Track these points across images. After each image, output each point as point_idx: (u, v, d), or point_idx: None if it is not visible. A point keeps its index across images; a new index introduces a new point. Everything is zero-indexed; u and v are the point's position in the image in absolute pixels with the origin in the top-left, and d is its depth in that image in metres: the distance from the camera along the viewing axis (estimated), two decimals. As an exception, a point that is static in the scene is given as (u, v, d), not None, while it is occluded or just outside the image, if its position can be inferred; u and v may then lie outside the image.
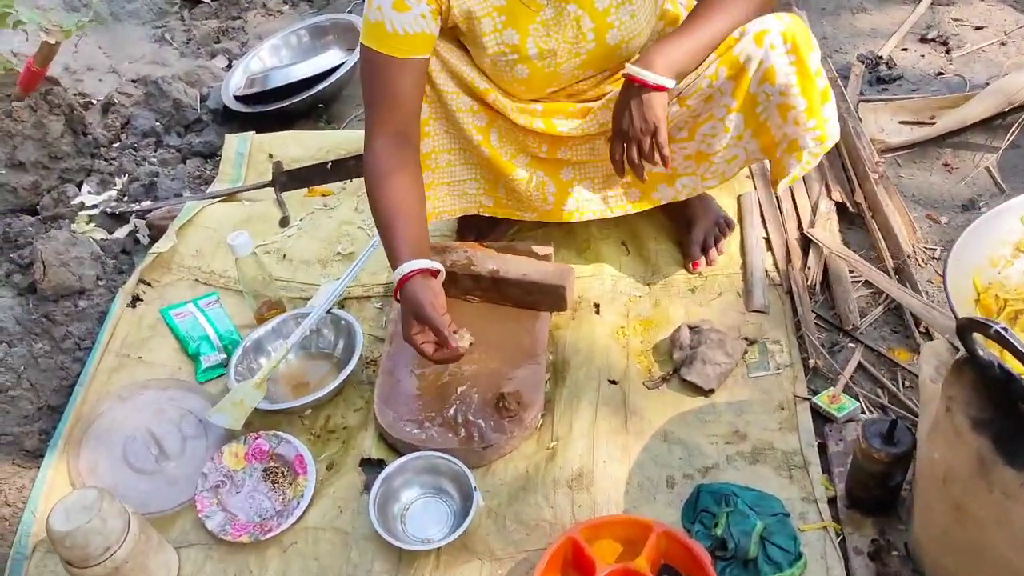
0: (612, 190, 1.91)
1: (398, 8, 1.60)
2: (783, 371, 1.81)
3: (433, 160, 1.86)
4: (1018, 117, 2.25)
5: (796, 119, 1.66)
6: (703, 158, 1.81)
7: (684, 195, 1.89)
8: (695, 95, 1.71)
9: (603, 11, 1.67)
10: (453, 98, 1.79)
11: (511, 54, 1.69)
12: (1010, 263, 1.32)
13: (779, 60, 1.60)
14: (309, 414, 1.84)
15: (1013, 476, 1.16)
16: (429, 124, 1.82)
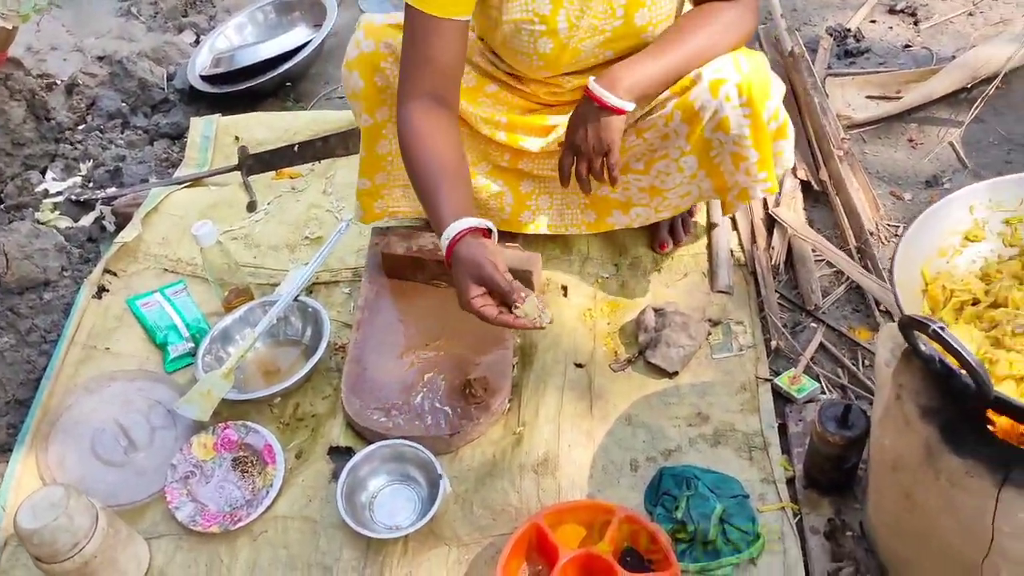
0: (569, 209, 1.91)
1: None
2: (746, 352, 1.84)
3: (389, 163, 1.85)
4: (982, 91, 2.26)
5: (748, 169, 1.68)
6: (657, 192, 1.82)
7: (637, 223, 1.91)
8: (652, 130, 1.71)
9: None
10: None
11: (538, 24, 1.64)
12: (959, 252, 1.33)
13: (733, 112, 1.60)
14: (278, 402, 1.85)
15: (959, 465, 1.18)
16: (386, 127, 1.80)
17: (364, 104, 1.79)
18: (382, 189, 1.91)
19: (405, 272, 1.96)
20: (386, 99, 1.78)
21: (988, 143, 2.20)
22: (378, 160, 1.86)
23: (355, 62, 1.75)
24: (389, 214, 1.95)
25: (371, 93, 1.77)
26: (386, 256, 1.96)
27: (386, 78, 1.75)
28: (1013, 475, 1.15)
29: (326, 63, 2.81)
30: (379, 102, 1.78)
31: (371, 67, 1.74)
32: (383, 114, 1.79)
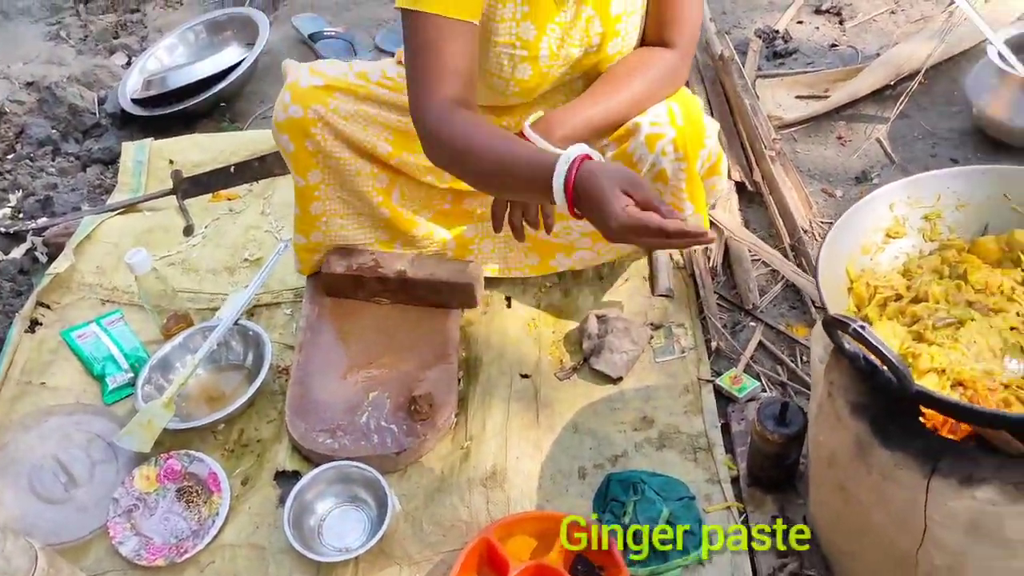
0: (512, 252, 1.91)
1: None
2: (688, 354, 1.86)
3: (324, 223, 1.84)
4: (906, 87, 2.32)
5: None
6: (598, 237, 1.80)
7: (580, 266, 1.92)
8: None
9: (615, 17, 1.61)
10: (349, 163, 1.76)
11: (520, 49, 1.60)
12: (881, 249, 1.36)
13: (670, 166, 1.62)
14: (222, 429, 1.83)
15: (889, 458, 1.21)
16: (319, 189, 1.79)
17: (295, 165, 1.77)
18: (319, 246, 1.90)
19: (346, 291, 1.95)
20: (318, 162, 1.75)
21: (913, 138, 2.26)
22: (312, 220, 1.84)
23: (284, 125, 1.71)
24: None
25: (302, 156, 1.75)
26: (326, 276, 1.95)
27: (317, 143, 1.72)
28: (941, 466, 1.18)
29: (261, 81, 2.79)
30: (311, 165, 1.76)
31: (301, 132, 1.71)
32: (315, 176, 1.77)
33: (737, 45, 2.59)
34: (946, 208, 1.38)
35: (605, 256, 1.90)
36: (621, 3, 1.60)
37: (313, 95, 1.70)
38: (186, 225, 2.27)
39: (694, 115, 1.63)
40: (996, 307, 1.26)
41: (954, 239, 1.37)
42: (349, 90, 1.73)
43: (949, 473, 1.17)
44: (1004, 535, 1.16)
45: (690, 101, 1.66)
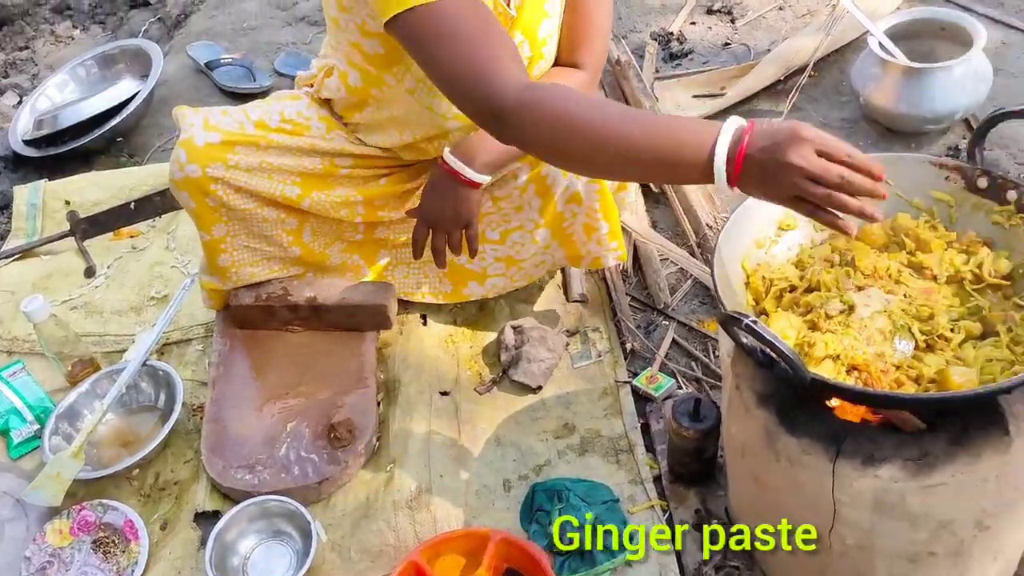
0: (427, 279, 1.91)
1: None
2: (604, 357, 1.88)
3: (234, 273, 1.80)
4: (797, 80, 2.39)
5: (600, 240, 1.73)
6: (513, 262, 1.84)
7: (492, 294, 1.92)
8: (507, 199, 1.72)
9: (541, 40, 1.60)
10: (255, 213, 1.71)
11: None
12: (775, 242, 1.40)
13: (584, 188, 1.64)
14: (136, 474, 1.78)
15: (795, 444, 1.25)
16: (226, 242, 1.74)
17: (199, 222, 1.71)
18: (230, 291, 1.86)
19: (257, 322, 1.92)
20: (220, 217, 1.70)
21: (807, 129, 2.33)
22: (223, 270, 1.80)
23: (182, 184, 1.65)
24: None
25: (203, 212, 1.69)
26: (235, 308, 1.91)
27: (218, 199, 1.66)
28: (844, 448, 1.22)
29: (158, 114, 2.73)
30: (214, 220, 1.70)
31: (200, 192, 1.65)
32: (220, 230, 1.72)
33: (634, 49, 2.64)
34: (833, 197, 1.42)
35: (518, 282, 1.91)
36: (547, 26, 1.61)
37: (210, 154, 1.62)
38: (87, 267, 2.20)
39: None
40: (885, 290, 1.30)
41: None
42: (249, 142, 1.65)
43: (852, 454, 1.21)
44: (907, 510, 1.20)
45: None
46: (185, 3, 3.40)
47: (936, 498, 1.19)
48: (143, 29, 3.36)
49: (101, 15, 3.61)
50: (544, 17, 1.58)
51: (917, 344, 1.23)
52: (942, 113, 2.14)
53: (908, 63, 2.15)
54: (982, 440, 1.19)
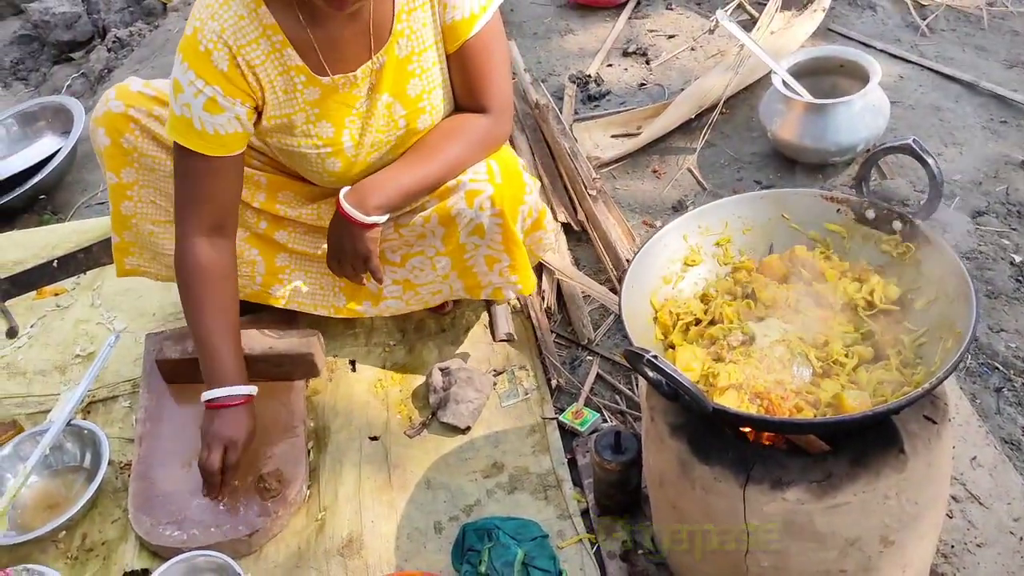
0: (322, 290, 1.93)
1: (211, 110, 1.55)
2: (531, 395, 1.91)
3: (135, 225, 1.84)
4: (709, 117, 2.48)
5: (501, 271, 1.78)
6: (410, 286, 1.88)
7: (386, 314, 1.96)
8: (410, 227, 1.77)
9: (415, 97, 1.67)
10: (163, 164, 1.77)
11: (324, 147, 1.67)
12: (681, 277, 1.46)
13: (488, 221, 1.68)
14: (63, 536, 1.75)
15: (708, 472, 1.29)
16: (133, 189, 1.79)
17: (108, 162, 1.78)
18: (131, 246, 1.88)
19: (184, 375, 1.91)
20: (131, 161, 1.77)
21: (720, 164, 2.42)
22: (124, 219, 1.83)
23: (102, 119, 1.75)
24: (140, 272, 1.93)
25: (116, 152, 1.76)
26: (161, 362, 1.91)
27: (132, 143, 1.75)
28: (753, 473, 1.27)
29: (81, 170, 2.72)
30: (124, 163, 1.77)
31: (116, 129, 1.74)
32: (129, 175, 1.78)
33: (553, 92, 2.72)
34: (734, 233, 1.49)
35: (412, 306, 1.93)
36: (419, 83, 1.67)
37: (139, 99, 1.75)
38: (8, 328, 2.17)
39: (513, 173, 1.70)
40: (785, 319, 1.36)
41: (744, 261, 1.48)
42: None
43: (761, 479, 1.26)
44: (815, 529, 1.25)
45: (510, 160, 1.73)
46: (108, 58, 3.40)
47: (842, 517, 1.25)
48: (66, 84, 3.35)
49: (23, 71, 3.59)
50: (411, 77, 1.65)
51: (814, 370, 1.29)
52: (845, 145, 2.25)
53: (810, 99, 2.26)
54: (880, 459, 1.25)
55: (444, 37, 1.65)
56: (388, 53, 1.62)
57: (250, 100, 1.59)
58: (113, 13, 3.67)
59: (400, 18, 1.60)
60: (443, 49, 1.67)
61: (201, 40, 1.52)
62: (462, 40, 1.64)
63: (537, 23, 3.08)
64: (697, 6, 3.03)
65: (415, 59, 1.65)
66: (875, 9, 2.85)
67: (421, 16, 1.62)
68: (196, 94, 1.54)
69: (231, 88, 1.55)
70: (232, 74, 1.55)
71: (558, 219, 2.27)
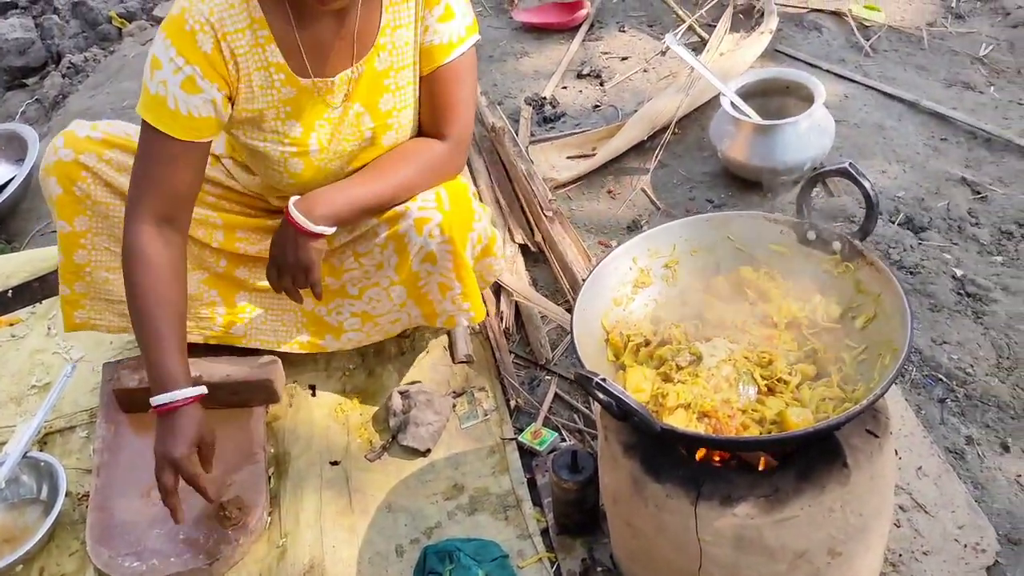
0: (284, 327, 1.94)
1: (188, 89, 1.53)
2: (491, 416, 1.94)
3: (88, 274, 1.82)
4: (662, 138, 2.54)
5: (453, 299, 1.80)
6: (369, 317, 1.90)
7: (349, 347, 1.97)
8: (368, 256, 1.79)
9: (385, 112, 1.69)
10: (117, 210, 1.76)
11: (289, 146, 1.67)
12: (631, 299, 1.50)
13: (438, 248, 1.70)
14: (20, 570, 1.73)
15: (660, 490, 1.33)
16: (87, 237, 1.78)
17: (60, 211, 1.77)
18: (82, 299, 1.86)
19: (142, 404, 1.88)
20: (85, 209, 1.76)
21: (673, 184, 2.47)
22: (77, 269, 1.82)
23: (52, 168, 1.74)
24: (91, 326, 1.90)
25: (68, 200, 1.75)
26: (119, 391, 1.90)
27: (85, 191, 1.74)
28: (704, 490, 1.30)
29: (35, 198, 2.70)
30: (77, 211, 1.76)
31: (68, 177, 1.73)
32: (82, 223, 1.77)
33: (509, 114, 2.75)
34: (682, 255, 1.53)
35: (374, 337, 1.95)
36: (391, 100, 1.70)
37: (87, 145, 1.74)
38: (-38, 359, 2.15)
39: (462, 200, 1.72)
40: (731, 339, 1.41)
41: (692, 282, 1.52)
42: (127, 147, 1.75)
43: (711, 496, 1.30)
44: (765, 543, 1.29)
45: (459, 188, 1.75)
46: (63, 84, 3.38)
47: (789, 531, 1.29)
48: (20, 111, 3.32)
49: (-25, 98, 3.55)
50: (384, 91, 1.68)
51: (759, 388, 1.33)
52: (792, 164, 2.31)
53: (758, 120, 2.32)
54: (825, 473, 1.29)
55: (421, 59, 1.69)
56: (368, 64, 1.65)
57: (226, 88, 1.58)
58: (67, 39, 3.65)
59: (384, 32, 1.64)
60: (419, 71, 1.70)
61: (188, 20, 1.52)
62: (436, 64, 1.68)
63: (493, 46, 3.12)
64: (649, 28, 3.09)
65: (392, 74, 1.68)
66: (820, 31, 2.93)
67: (405, 35, 1.66)
68: (175, 71, 1.52)
69: (210, 71, 1.54)
70: (214, 57, 1.54)
71: (515, 240, 2.31)
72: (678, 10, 3.05)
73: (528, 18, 3.20)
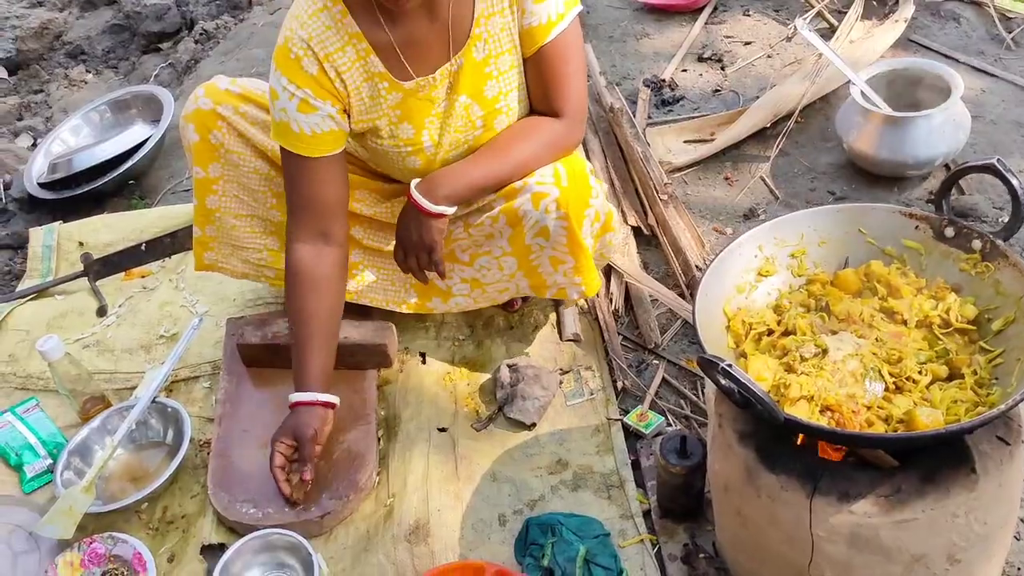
0: (393, 286, 1.99)
1: (303, 110, 1.65)
2: (597, 395, 1.94)
3: (218, 219, 1.91)
4: (784, 126, 2.48)
5: (565, 272, 1.81)
6: (478, 284, 1.93)
7: (455, 311, 2.01)
8: (479, 227, 1.82)
9: (492, 98, 1.73)
10: (247, 160, 1.86)
11: (405, 147, 1.75)
12: (755, 287, 1.48)
13: (553, 224, 1.71)
14: (145, 507, 1.84)
15: (775, 481, 1.31)
16: (218, 184, 1.87)
17: (196, 157, 1.86)
18: (211, 241, 1.95)
19: (263, 360, 1.99)
20: (219, 157, 1.85)
21: (794, 174, 2.42)
22: (208, 213, 1.91)
23: (192, 116, 1.84)
24: (218, 268, 2.00)
25: (204, 148, 1.85)
26: (242, 347, 1.99)
27: (219, 140, 1.84)
28: (821, 485, 1.28)
29: (169, 157, 2.83)
30: (211, 158, 1.86)
31: (205, 126, 1.83)
32: (215, 170, 1.86)
33: (627, 96, 2.73)
34: (810, 245, 1.50)
35: (481, 303, 1.98)
36: (496, 85, 1.72)
37: (226, 97, 1.84)
38: (99, 306, 2.28)
39: (579, 177, 1.73)
40: (858, 334, 1.37)
41: (819, 273, 1.49)
42: (262, 103, 1.84)
43: (828, 491, 1.28)
44: (881, 544, 1.26)
45: (577, 163, 1.76)
46: (195, 49, 3.52)
47: (909, 533, 1.26)
48: (154, 74, 3.48)
49: (114, 60, 3.73)
50: (488, 79, 1.71)
51: (887, 386, 1.30)
52: (923, 159, 2.23)
53: (889, 112, 2.24)
54: (951, 477, 1.25)
55: (521, 42, 1.70)
56: (466, 56, 1.68)
57: (338, 103, 1.68)
58: (201, 6, 3.80)
59: (479, 22, 1.67)
60: (520, 53, 1.71)
61: (291, 48, 1.63)
62: (538, 45, 1.69)
63: (613, 26, 3.10)
64: (775, 13, 3.01)
65: (492, 62, 1.70)
66: (959, 21, 2.80)
67: (500, 21, 1.68)
68: (290, 97, 1.64)
69: (320, 91, 1.65)
70: (321, 78, 1.64)
71: (628, 223, 2.30)
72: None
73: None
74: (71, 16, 3.98)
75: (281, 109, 1.66)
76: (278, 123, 1.68)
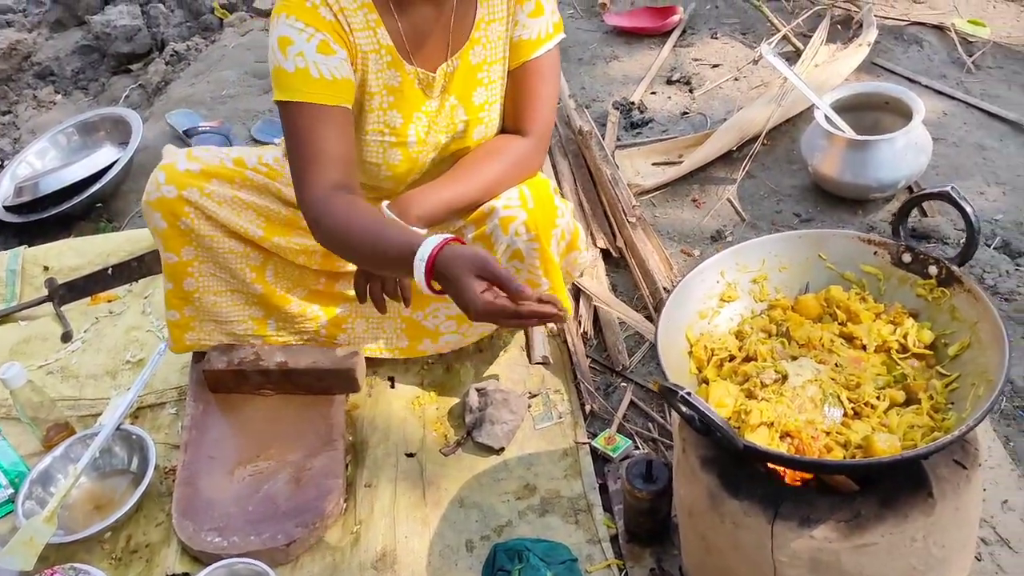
0: (385, 333, 1.99)
1: (324, 51, 1.56)
2: (565, 419, 1.95)
3: (197, 300, 1.88)
4: (751, 149, 2.51)
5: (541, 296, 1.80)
6: (464, 319, 1.93)
7: (446, 350, 2.01)
8: None
9: (478, 106, 1.74)
10: (220, 241, 1.82)
11: (390, 136, 1.73)
12: (717, 313, 1.49)
13: (524, 246, 1.72)
14: (108, 537, 1.82)
15: (737, 507, 1.32)
16: (193, 265, 1.84)
17: (166, 244, 1.82)
18: (191, 321, 1.93)
19: (230, 385, 1.98)
20: (190, 240, 1.81)
21: (760, 196, 2.44)
22: (186, 295, 1.88)
23: (156, 204, 1.78)
24: (200, 346, 1.97)
25: (173, 234, 1.80)
26: (208, 372, 1.97)
27: (189, 225, 1.78)
28: (782, 510, 1.29)
29: (137, 180, 2.81)
30: (183, 243, 1.82)
31: (172, 214, 1.77)
32: (188, 253, 1.83)
33: (597, 118, 2.76)
34: (771, 271, 1.52)
35: (470, 338, 1.99)
36: (484, 93, 1.74)
37: (187, 180, 1.77)
38: (64, 331, 2.26)
39: (545, 198, 1.74)
40: (818, 359, 1.39)
41: (780, 299, 1.50)
42: (225, 177, 1.81)
43: (789, 516, 1.28)
44: (842, 568, 1.27)
45: (541, 185, 1.77)
46: (165, 71, 3.51)
47: (868, 557, 1.27)
48: (124, 95, 3.46)
49: (83, 81, 3.71)
50: (478, 85, 1.72)
51: (845, 411, 1.31)
52: (886, 182, 2.26)
53: (852, 135, 2.28)
54: (909, 502, 1.26)
55: (509, 53, 1.72)
56: (463, 58, 1.70)
57: (350, 56, 1.61)
58: (172, 27, 3.79)
59: (479, 26, 1.68)
60: (507, 66, 1.73)
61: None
62: (524, 59, 1.72)
63: (583, 49, 3.13)
64: (743, 36, 3.05)
65: (485, 68, 1.72)
66: (921, 45, 2.86)
67: (498, 29, 1.70)
68: (308, 38, 1.55)
69: (337, 37, 1.58)
70: (337, 26, 1.58)
71: (597, 245, 2.31)
72: (773, 19, 3.01)
73: (619, 22, 3.20)
74: (40, 37, 3.96)
75: (298, 54, 1.55)
76: (292, 73, 1.55)
